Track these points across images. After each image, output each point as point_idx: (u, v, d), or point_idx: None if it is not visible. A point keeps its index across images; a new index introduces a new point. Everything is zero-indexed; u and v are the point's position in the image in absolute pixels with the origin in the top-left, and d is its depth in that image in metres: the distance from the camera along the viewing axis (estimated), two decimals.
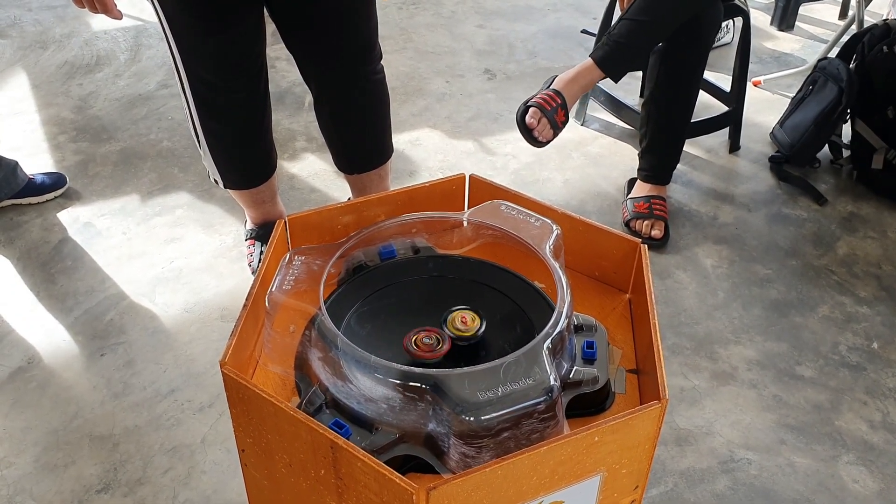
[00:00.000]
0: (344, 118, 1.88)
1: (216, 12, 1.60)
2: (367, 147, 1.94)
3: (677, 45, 2.09)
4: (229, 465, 1.60)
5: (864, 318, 2.00)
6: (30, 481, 1.58)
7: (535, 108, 1.97)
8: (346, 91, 1.81)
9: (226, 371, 0.96)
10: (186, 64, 1.68)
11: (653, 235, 2.17)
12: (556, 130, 1.99)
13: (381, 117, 1.91)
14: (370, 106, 1.88)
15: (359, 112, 1.87)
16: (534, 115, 1.96)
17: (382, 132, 1.94)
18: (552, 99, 1.98)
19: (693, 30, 2.06)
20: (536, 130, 1.97)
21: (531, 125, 1.97)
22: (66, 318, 1.93)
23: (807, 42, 3.32)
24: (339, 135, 1.92)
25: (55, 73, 2.95)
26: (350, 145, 1.94)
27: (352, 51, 1.75)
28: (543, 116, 1.96)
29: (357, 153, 1.95)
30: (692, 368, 1.85)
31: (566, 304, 1.02)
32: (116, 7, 1.52)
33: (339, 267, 1.15)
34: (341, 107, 1.85)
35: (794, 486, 1.60)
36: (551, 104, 1.97)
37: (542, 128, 1.97)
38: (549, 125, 1.97)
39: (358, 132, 1.91)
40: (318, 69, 1.79)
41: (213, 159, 1.85)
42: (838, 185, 2.47)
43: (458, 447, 0.91)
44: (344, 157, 1.97)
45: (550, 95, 1.98)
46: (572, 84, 2.01)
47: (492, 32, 3.30)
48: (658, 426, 0.96)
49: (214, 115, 1.77)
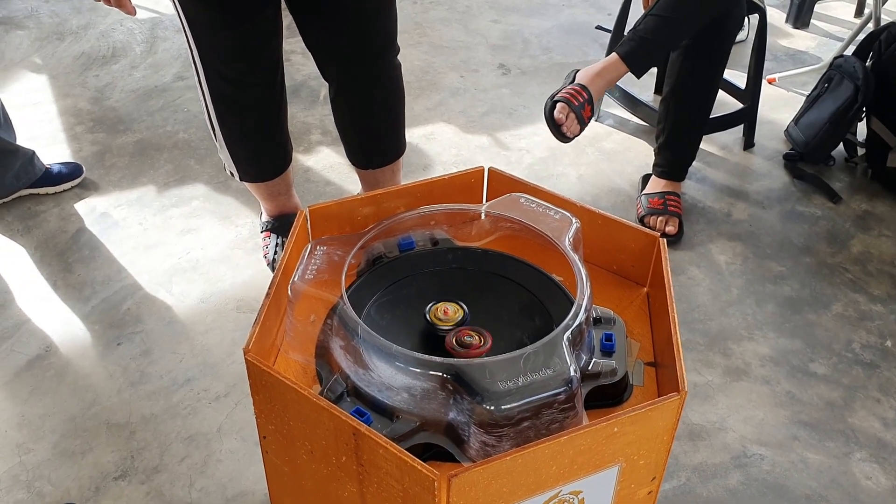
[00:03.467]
0: (362, 113, 1.88)
1: (234, 5, 1.61)
2: (383, 142, 1.95)
3: (701, 43, 2.09)
4: (245, 453, 1.62)
5: (878, 315, 2.00)
6: (48, 467, 1.59)
7: (563, 104, 1.96)
8: (367, 86, 1.81)
9: (249, 358, 0.97)
10: (203, 57, 1.69)
11: (667, 231, 2.17)
12: (582, 125, 1.99)
13: (398, 112, 1.92)
14: (389, 101, 1.88)
15: (378, 107, 1.87)
16: (562, 111, 1.96)
17: (399, 127, 1.95)
18: (579, 94, 1.98)
19: (718, 28, 2.06)
20: (565, 126, 1.97)
21: (560, 120, 1.96)
22: (84, 307, 1.95)
23: (822, 40, 3.32)
24: (356, 130, 1.92)
25: (72, 64, 2.96)
26: (367, 140, 1.94)
27: (374, 45, 1.75)
28: (571, 111, 1.96)
29: (374, 148, 1.95)
30: (706, 364, 1.85)
31: (586, 297, 1.03)
32: (131, 2, 1.54)
33: (359, 258, 1.16)
34: (360, 101, 1.85)
35: (806, 482, 1.61)
36: (578, 99, 1.97)
37: (570, 123, 1.97)
38: (576, 120, 1.97)
39: (375, 127, 1.92)
40: (338, 63, 1.78)
41: (229, 152, 1.86)
42: (853, 183, 2.47)
43: (479, 436, 0.92)
44: (360, 153, 1.97)
45: (577, 90, 1.98)
46: (598, 79, 2.01)
47: (506, 27, 3.30)
48: (677, 418, 0.97)
49: (231, 109, 1.78)
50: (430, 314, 1.04)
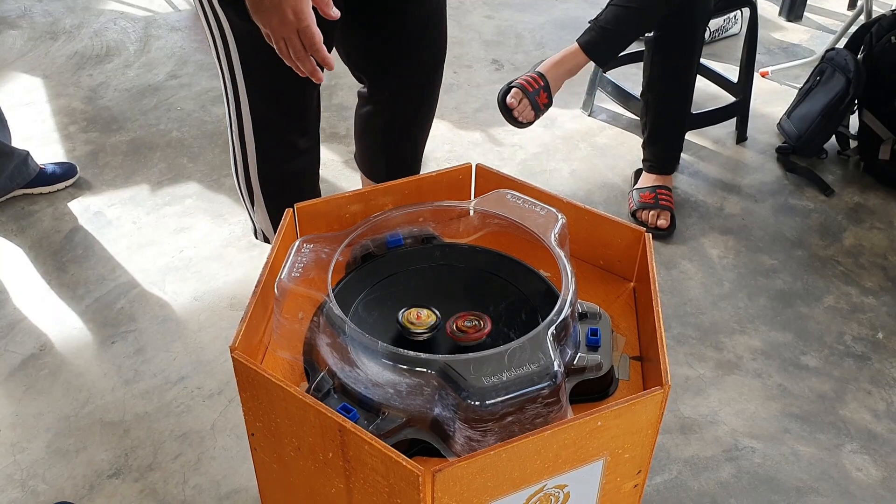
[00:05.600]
0: (403, 130, 1.71)
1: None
2: (416, 158, 1.79)
3: (669, 34, 2.11)
4: (238, 450, 1.62)
5: (870, 308, 2.00)
6: (42, 466, 1.60)
7: (517, 89, 2.01)
8: (418, 102, 1.67)
9: (236, 356, 0.97)
10: (254, 104, 1.42)
11: (659, 225, 2.18)
12: (537, 112, 2.02)
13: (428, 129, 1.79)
14: (431, 117, 1.74)
15: (421, 123, 1.73)
16: (515, 96, 2.01)
17: (426, 141, 1.81)
18: (535, 81, 2.01)
19: (684, 18, 2.07)
20: (517, 111, 2.01)
21: (511, 105, 2.01)
22: (78, 306, 1.96)
23: (815, 33, 3.32)
24: (391, 146, 1.74)
25: (65, 63, 2.97)
26: (399, 157, 1.76)
27: (436, 61, 1.62)
28: (525, 97, 2.00)
29: (404, 165, 1.76)
30: (697, 358, 1.86)
31: (570, 292, 1.03)
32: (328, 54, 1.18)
33: (346, 255, 1.16)
34: (404, 118, 1.68)
35: (797, 474, 1.62)
36: (534, 86, 2.00)
37: (522, 108, 2.01)
38: (530, 106, 2.00)
39: (412, 144, 1.76)
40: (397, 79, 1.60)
41: (269, 215, 1.58)
42: (845, 175, 2.47)
43: (464, 431, 0.93)
44: (384, 169, 1.76)
45: (534, 77, 2.02)
46: (556, 67, 2.04)
47: (500, 23, 3.30)
48: (661, 412, 0.97)
49: (280, 166, 1.51)
50: (403, 319, 1.05)
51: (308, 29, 1.12)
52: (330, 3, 1.14)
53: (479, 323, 1.05)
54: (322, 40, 1.14)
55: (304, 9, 1.11)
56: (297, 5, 1.10)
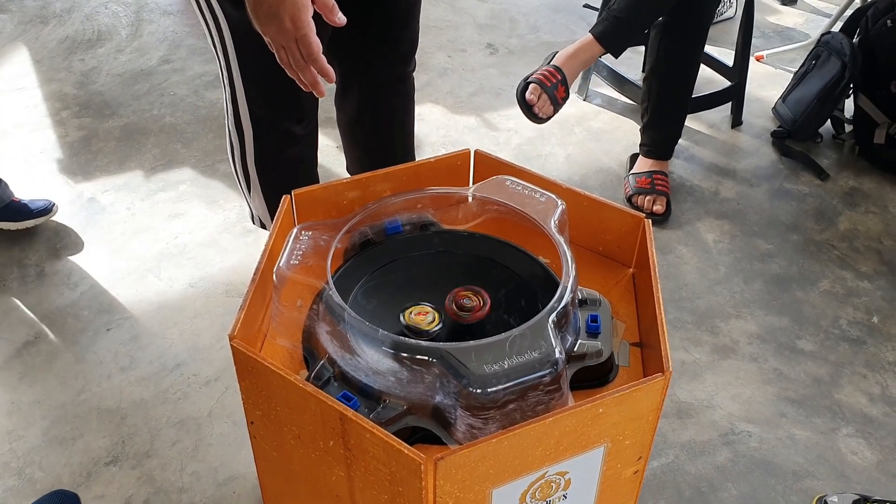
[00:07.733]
0: (387, 123, 1.71)
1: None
2: (407, 152, 1.79)
3: (678, 20, 2.09)
4: (236, 437, 1.62)
5: (865, 292, 2.01)
6: (39, 454, 1.60)
7: (536, 84, 1.97)
8: (391, 94, 1.66)
9: (235, 345, 0.97)
10: (251, 95, 1.41)
11: (654, 211, 2.18)
12: (556, 106, 2.00)
13: (413, 120, 1.77)
14: (411, 108, 1.74)
15: (402, 116, 1.73)
16: (534, 91, 1.97)
17: (413, 135, 1.80)
18: (552, 75, 1.98)
19: (694, 4, 2.05)
20: (536, 107, 1.97)
21: (531, 101, 1.97)
22: (72, 293, 1.95)
23: (810, 16, 3.31)
24: (380, 141, 1.73)
25: (56, 48, 2.94)
26: (391, 151, 1.74)
27: (406, 52, 1.61)
28: (544, 92, 1.97)
29: (394, 158, 1.61)
30: (693, 342, 1.86)
31: (571, 279, 1.03)
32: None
33: (345, 242, 1.16)
34: (388, 111, 1.68)
35: (793, 458, 1.62)
36: (552, 80, 1.97)
37: (542, 104, 1.97)
38: (549, 101, 1.97)
39: (400, 137, 1.76)
40: (368, 71, 1.59)
41: (265, 202, 1.58)
42: (840, 159, 2.47)
43: (465, 419, 0.93)
44: (376, 165, 1.75)
45: (551, 72, 1.99)
46: (572, 60, 2.01)
47: (493, 6, 3.28)
48: (661, 398, 0.97)
49: (277, 154, 1.50)
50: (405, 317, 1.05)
51: (306, 38, 1.10)
52: (336, 10, 1.12)
53: (479, 301, 1.04)
54: (321, 50, 1.12)
55: (303, 17, 1.08)
56: (295, 14, 1.08)
